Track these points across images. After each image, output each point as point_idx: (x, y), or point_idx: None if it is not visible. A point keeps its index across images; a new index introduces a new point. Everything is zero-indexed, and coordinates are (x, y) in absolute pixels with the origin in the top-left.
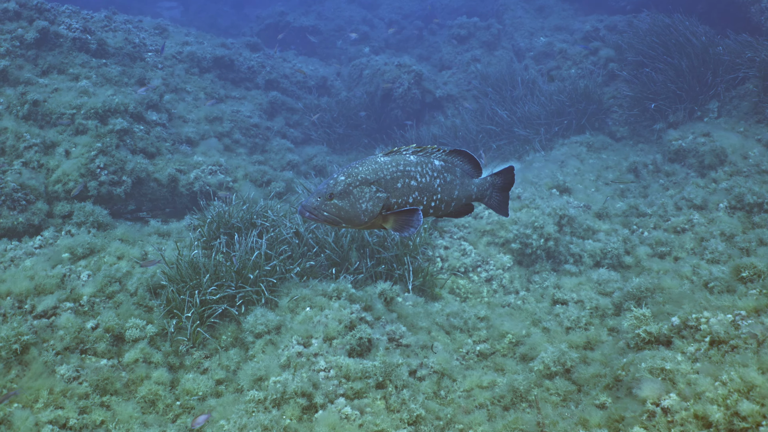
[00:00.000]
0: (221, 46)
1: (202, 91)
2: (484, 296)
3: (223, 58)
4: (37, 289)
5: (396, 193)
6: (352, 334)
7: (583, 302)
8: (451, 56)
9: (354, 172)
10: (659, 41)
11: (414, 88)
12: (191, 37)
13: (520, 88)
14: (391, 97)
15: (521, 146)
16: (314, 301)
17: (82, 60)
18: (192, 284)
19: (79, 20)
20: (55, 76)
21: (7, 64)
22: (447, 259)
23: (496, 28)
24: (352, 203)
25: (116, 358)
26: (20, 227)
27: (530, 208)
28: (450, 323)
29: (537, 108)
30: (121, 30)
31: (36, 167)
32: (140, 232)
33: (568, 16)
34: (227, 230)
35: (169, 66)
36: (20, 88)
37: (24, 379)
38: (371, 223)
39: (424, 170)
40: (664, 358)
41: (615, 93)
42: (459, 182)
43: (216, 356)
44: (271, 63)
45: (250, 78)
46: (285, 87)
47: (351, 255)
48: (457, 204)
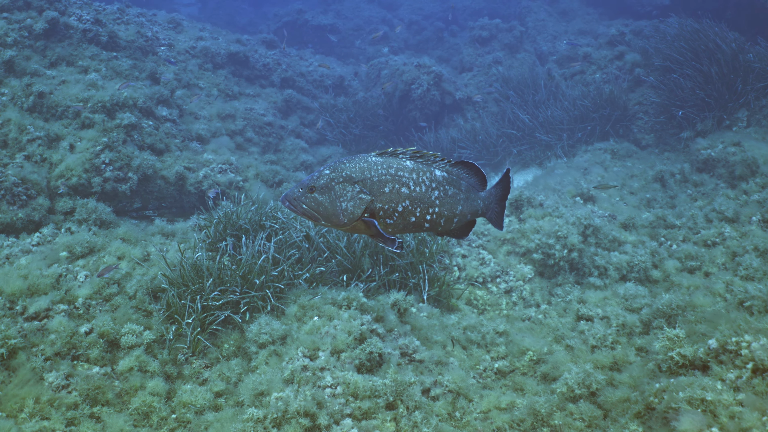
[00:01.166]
0: (236, 42)
1: (215, 88)
2: (503, 309)
3: (238, 54)
4: (30, 289)
5: (382, 198)
6: (362, 348)
7: (609, 319)
8: (471, 58)
9: (340, 167)
10: (688, 47)
11: (433, 89)
12: (206, 32)
13: (543, 92)
14: (409, 98)
15: (543, 152)
16: (323, 309)
17: (92, 52)
18: (194, 288)
19: (91, 12)
20: (63, 68)
21: (14, 54)
22: (465, 268)
23: (518, 31)
24: (332, 200)
25: (110, 365)
26: (19, 223)
27: (553, 217)
28: (467, 337)
29: (560, 113)
30: (134, 23)
31: (39, 161)
32: (144, 231)
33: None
34: (234, 232)
35: (182, 61)
36: (26, 80)
37: (9, 386)
38: (353, 227)
39: (419, 178)
40: (704, 387)
41: (641, 99)
42: (463, 197)
43: (217, 366)
44: (287, 61)
45: (265, 75)
46: (301, 85)
47: (363, 261)
48: (461, 220)
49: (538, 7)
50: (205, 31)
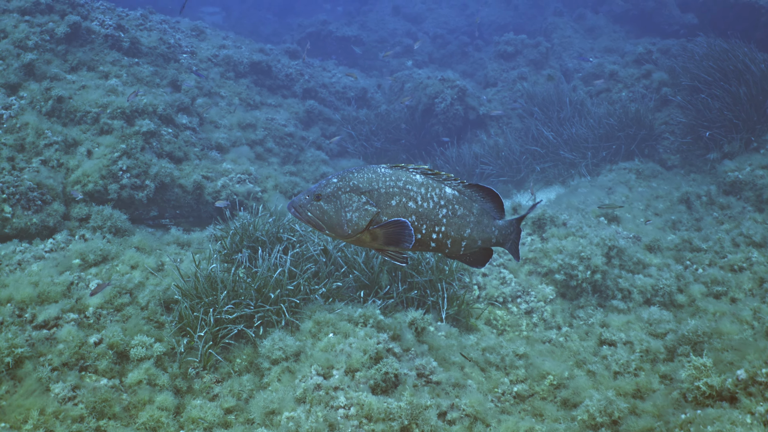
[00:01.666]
0: (259, 51)
1: (236, 97)
2: (523, 330)
3: (261, 63)
4: (40, 296)
5: (388, 211)
6: (378, 368)
7: (632, 344)
8: (496, 73)
9: (348, 176)
10: (716, 67)
11: (457, 104)
12: (229, 40)
13: (568, 109)
14: (432, 112)
15: (566, 170)
16: (338, 326)
17: (113, 58)
18: (208, 301)
19: (114, 17)
20: (84, 73)
21: (34, 58)
22: (485, 287)
23: (544, 47)
24: (337, 209)
25: (118, 377)
26: (33, 228)
27: (576, 237)
28: (485, 359)
29: (585, 131)
30: (157, 29)
31: (55, 166)
32: (159, 240)
33: (618, 38)
34: (251, 243)
35: (204, 69)
36: (45, 83)
37: (14, 397)
38: (357, 239)
39: (428, 194)
40: (733, 421)
41: (667, 119)
42: (474, 220)
43: (228, 381)
44: (310, 71)
45: (287, 85)
46: (323, 97)
47: (381, 278)
48: (470, 245)
49: (565, 24)
50: (228, 40)
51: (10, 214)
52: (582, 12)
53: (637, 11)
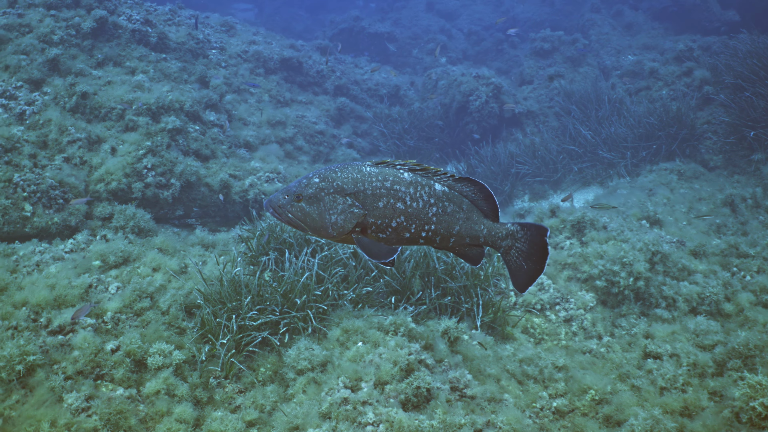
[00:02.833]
0: (290, 47)
1: (266, 93)
2: (561, 339)
3: (291, 59)
4: (56, 300)
5: (376, 213)
6: (409, 382)
7: (679, 357)
8: (532, 70)
9: (331, 176)
10: (761, 64)
11: (492, 101)
12: (259, 36)
13: (607, 108)
14: (466, 110)
15: (604, 170)
16: (368, 335)
17: (141, 53)
18: (231, 306)
19: (141, 12)
20: (110, 69)
21: (59, 53)
22: None
23: (581, 44)
24: (321, 212)
25: (135, 387)
26: (54, 228)
27: (618, 241)
28: (523, 371)
29: (624, 130)
30: (185, 25)
31: (78, 164)
32: (183, 241)
33: (657, 35)
34: (278, 245)
35: (233, 65)
36: (70, 79)
37: (25, 407)
38: (342, 239)
39: (417, 193)
40: None
41: (709, 118)
42: (463, 216)
43: (251, 392)
44: (342, 68)
45: (318, 82)
46: (355, 94)
47: (413, 283)
48: (458, 242)
49: (602, 21)
50: (259, 35)
51: (30, 213)
52: (620, 8)
53: (677, 8)
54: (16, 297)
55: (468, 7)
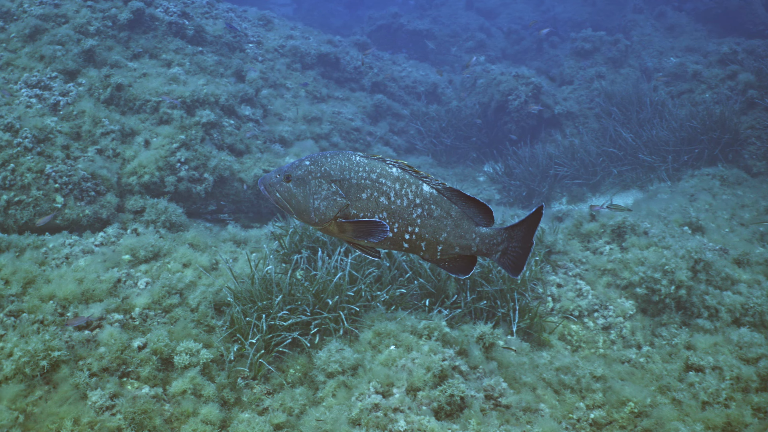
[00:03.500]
0: (327, 42)
1: (302, 89)
2: (599, 347)
3: (329, 55)
4: (84, 294)
5: (358, 204)
6: (442, 389)
7: (722, 370)
8: (572, 71)
9: (321, 160)
10: None
11: (531, 101)
12: (297, 31)
13: (648, 110)
14: (505, 109)
15: (645, 174)
16: (400, 338)
17: (177, 46)
18: (261, 305)
19: (179, 4)
20: (146, 61)
21: (95, 44)
22: (559, 299)
23: (623, 44)
24: (306, 195)
25: (161, 386)
26: (85, 220)
27: (659, 248)
28: (560, 380)
29: (665, 133)
30: (222, 18)
31: (111, 156)
32: (215, 237)
33: (700, 37)
34: (311, 244)
35: (270, 60)
36: (105, 70)
37: (48, 404)
38: (324, 228)
39: (402, 190)
40: None
41: (753, 123)
42: (452, 223)
43: (279, 394)
44: (380, 64)
45: (355, 78)
46: (392, 91)
47: (448, 286)
48: (446, 251)
49: (644, 21)
50: (296, 30)
51: (61, 205)
52: (662, 9)
53: (721, 9)
54: (43, 290)
55: (508, 5)
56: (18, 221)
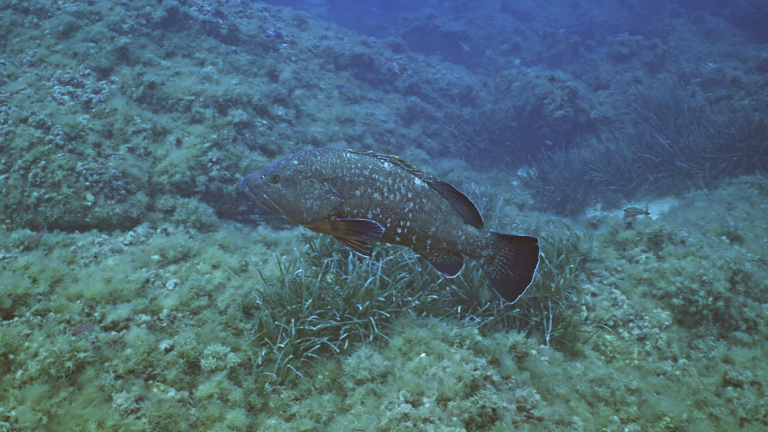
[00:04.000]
0: (362, 43)
1: (336, 90)
2: (634, 358)
3: (363, 56)
4: (112, 294)
5: (352, 202)
6: (474, 400)
7: (760, 385)
8: (609, 75)
9: (310, 159)
10: None
11: (567, 105)
12: (331, 31)
13: (686, 116)
14: (540, 113)
15: (681, 181)
16: (431, 345)
17: (210, 45)
18: (291, 309)
19: (213, 2)
20: (179, 59)
21: (129, 42)
22: (594, 308)
23: (660, 49)
24: (297, 195)
25: (188, 389)
26: (115, 219)
27: (697, 257)
28: (593, 392)
29: (703, 140)
30: (257, 17)
31: (142, 154)
32: (245, 238)
33: (738, 42)
34: (342, 247)
35: (304, 60)
36: (138, 68)
37: (73, 405)
38: (317, 227)
39: (395, 185)
40: None
41: None
42: (441, 217)
43: (307, 400)
44: (414, 66)
45: (389, 80)
46: (426, 93)
47: (481, 293)
48: (434, 245)
49: (682, 26)
50: (330, 31)
51: (91, 203)
52: (700, 14)
53: (760, 15)
54: (71, 289)
55: (544, 8)
56: (48, 219)
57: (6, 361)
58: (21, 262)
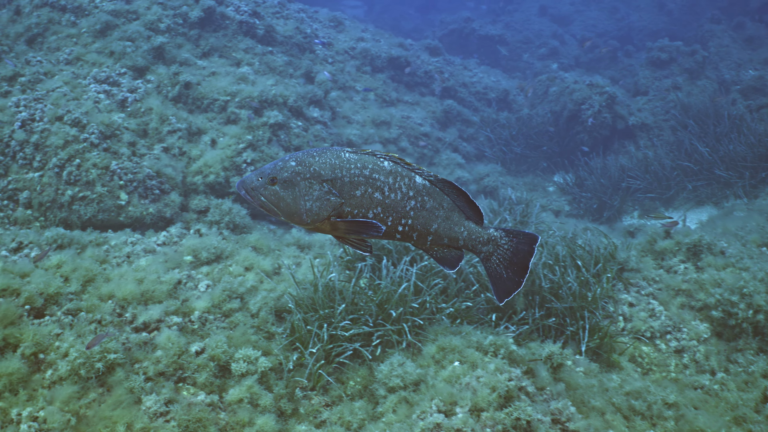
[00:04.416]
0: (398, 46)
1: (372, 92)
2: (671, 371)
3: (399, 59)
4: (143, 295)
5: (353, 202)
6: (508, 412)
7: None
8: (648, 81)
9: (308, 160)
10: None
11: (605, 111)
12: (368, 33)
13: (726, 124)
14: (578, 119)
15: (720, 190)
16: (465, 354)
17: (247, 45)
18: (323, 314)
19: (250, 3)
20: (215, 59)
21: (165, 41)
22: (631, 318)
23: (700, 55)
24: (295, 197)
25: (218, 393)
26: (148, 218)
27: (737, 269)
28: (630, 405)
29: (743, 148)
30: (293, 18)
31: (177, 154)
32: (279, 240)
33: None
34: (375, 251)
35: (340, 61)
36: (174, 68)
37: (102, 407)
38: (316, 227)
39: (396, 183)
40: None
41: None
42: (443, 214)
43: (338, 407)
44: (450, 69)
45: (425, 83)
46: (462, 97)
47: (516, 301)
48: (435, 241)
49: (722, 32)
50: (367, 33)
51: (125, 202)
52: (741, 20)
53: None
54: (102, 289)
55: (582, 13)
56: (81, 217)
57: (36, 360)
58: (53, 260)
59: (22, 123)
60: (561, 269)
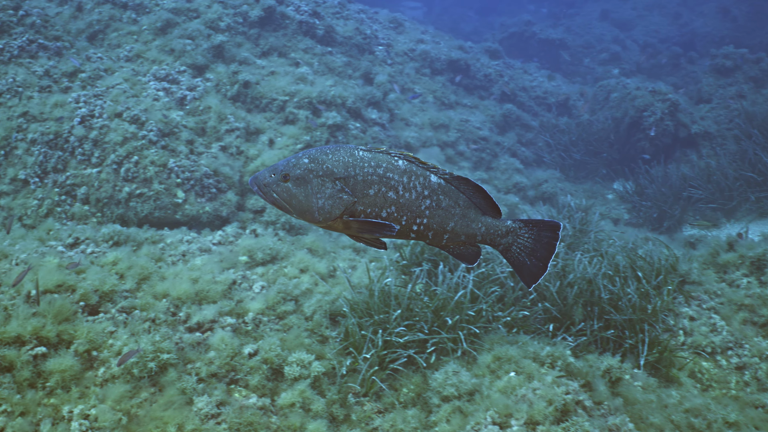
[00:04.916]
0: (458, 48)
1: (431, 94)
2: (731, 388)
3: (459, 61)
4: (198, 295)
5: (365, 201)
6: (565, 427)
7: None
8: (711, 89)
9: (321, 158)
10: None
11: (667, 119)
12: (427, 35)
13: None
14: (639, 126)
15: None
16: (521, 364)
17: (306, 45)
18: (378, 319)
19: (310, 3)
20: (274, 59)
21: (225, 40)
22: (691, 333)
23: (766, 63)
24: (308, 195)
25: (269, 397)
26: (204, 217)
27: None
28: (689, 423)
29: None
30: (353, 19)
31: (234, 153)
32: (334, 242)
33: None
34: (432, 257)
35: (399, 63)
36: (233, 67)
37: (154, 407)
38: (328, 226)
39: (410, 183)
40: None
41: None
42: (459, 212)
43: (391, 414)
44: (510, 73)
45: (485, 86)
46: (522, 101)
47: (575, 312)
48: (452, 238)
49: None
50: (427, 35)
51: (182, 200)
52: None
53: None
54: (157, 288)
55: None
56: (138, 214)
57: (89, 357)
58: (109, 257)
59: (81, 119)
60: (621, 280)
